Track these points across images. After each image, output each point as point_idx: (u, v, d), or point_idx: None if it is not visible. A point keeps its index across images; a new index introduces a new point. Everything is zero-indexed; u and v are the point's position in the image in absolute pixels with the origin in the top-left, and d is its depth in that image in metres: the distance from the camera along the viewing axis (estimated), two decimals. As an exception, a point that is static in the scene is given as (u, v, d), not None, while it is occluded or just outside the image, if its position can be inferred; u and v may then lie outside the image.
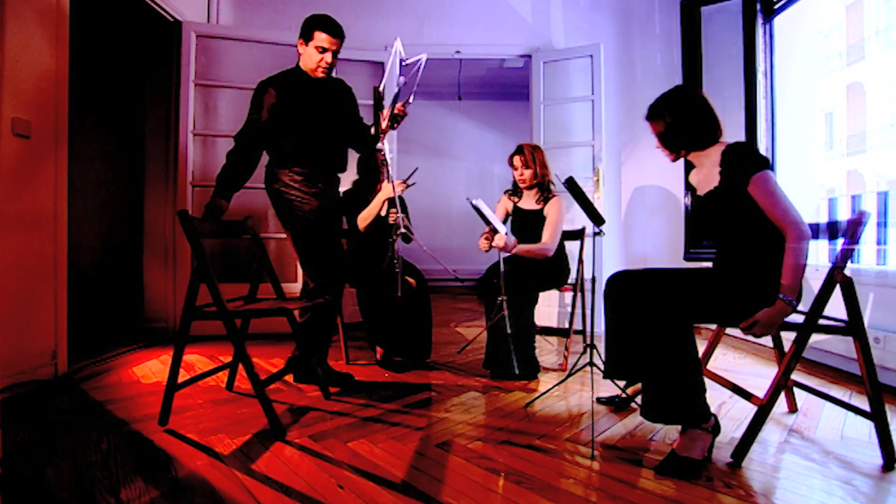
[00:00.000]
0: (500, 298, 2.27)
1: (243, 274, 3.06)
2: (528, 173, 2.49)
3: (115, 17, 3.49)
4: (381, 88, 1.97)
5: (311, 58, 2.03)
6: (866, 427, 1.69)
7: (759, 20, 3.18)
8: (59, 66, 2.19)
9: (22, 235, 2.02)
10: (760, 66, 3.17)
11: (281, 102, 2.02)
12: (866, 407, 1.47)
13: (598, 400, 1.97)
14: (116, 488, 1.27)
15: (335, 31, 2.02)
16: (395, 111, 2.11)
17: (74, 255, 2.39)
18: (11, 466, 1.37)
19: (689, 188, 1.75)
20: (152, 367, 2.48)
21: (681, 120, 1.55)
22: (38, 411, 1.82)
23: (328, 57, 2.03)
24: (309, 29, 2.02)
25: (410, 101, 2.12)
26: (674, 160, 1.65)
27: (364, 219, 2.53)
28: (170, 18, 3.08)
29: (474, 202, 2.17)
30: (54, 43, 2.17)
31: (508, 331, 2.25)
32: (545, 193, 2.52)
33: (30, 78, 2.06)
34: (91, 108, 3.54)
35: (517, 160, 2.51)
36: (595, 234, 1.86)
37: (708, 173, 1.57)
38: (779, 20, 3.19)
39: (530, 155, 2.48)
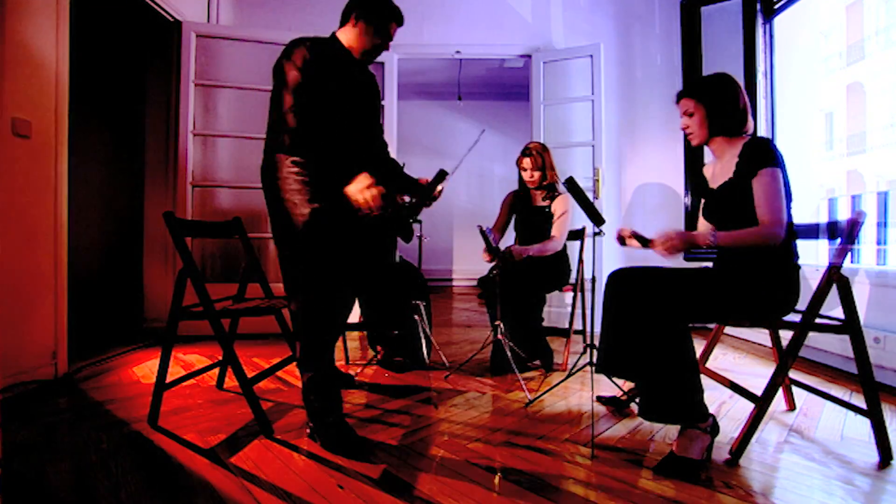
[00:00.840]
0: (496, 322, 2.31)
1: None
2: (537, 175, 2.53)
3: (115, 17, 3.49)
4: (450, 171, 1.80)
5: (369, 39, 1.71)
6: (866, 427, 1.69)
7: (759, 20, 3.18)
8: (59, 66, 2.19)
9: (22, 236, 2.02)
10: (760, 66, 3.17)
11: (314, 64, 1.60)
12: (865, 406, 1.48)
13: (598, 400, 1.97)
14: (116, 488, 1.27)
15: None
16: (434, 193, 1.85)
17: (74, 255, 2.39)
18: (11, 466, 1.37)
19: (700, 183, 1.74)
20: (152, 367, 2.47)
21: (725, 104, 1.53)
22: (38, 411, 1.82)
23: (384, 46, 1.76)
24: (381, 11, 1.70)
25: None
26: (698, 144, 1.62)
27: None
28: (170, 18, 3.08)
29: (485, 229, 2.22)
30: (54, 43, 2.17)
31: (507, 335, 2.27)
32: (552, 193, 2.57)
33: (30, 78, 2.06)
34: (91, 109, 3.54)
35: (527, 162, 2.54)
36: (595, 234, 1.86)
37: (725, 166, 1.58)
38: (779, 20, 3.19)
39: (539, 157, 2.52)
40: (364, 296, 2.55)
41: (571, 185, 1.74)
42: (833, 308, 1.52)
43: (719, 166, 1.62)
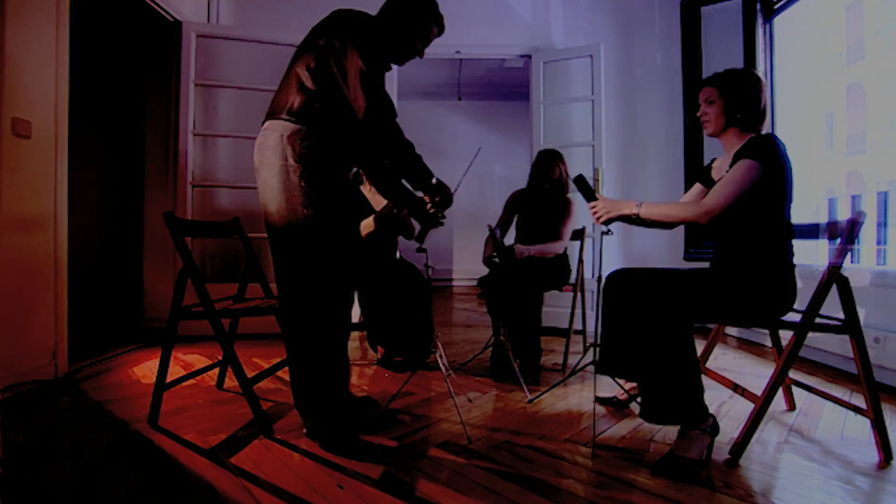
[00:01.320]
0: (498, 324, 2.35)
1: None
2: (551, 180, 2.60)
3: (115, 17, 3.49)
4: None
5: (408, 39, 1.63)
6: (866, 427, 1.69)
7: (759, 20, 3.18)
8: (59, 67, 2.19)
9: (22, 235, 2.02)
10: (760, 66, 3.17)
11: (364, 43, 1.49)
12: (865, 406, 1.48)
13: (598, 400, 1.97)
14: (116, 488, 1.27)
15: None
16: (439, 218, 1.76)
17: (74, 255, 2.39)
18: (11, 466, 1.37)
19: (704, 176, 1.74)
20: (152, 367, 2.47)
21: (746, 98, 1.54)
22: (38, 411, 1.82)
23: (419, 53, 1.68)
24: (425, 12, 1.62)
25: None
26: (711, 133, 1.63)
27: (367, 226, 2.50)
28: (170, 19, 3.08)
29: (494, 229, 2.28)
30: (54, 43, 2.17)
31: (508, 337, 2.28)
32: (561, 195, 2.61)
33: (30, 78, 2.06)
34: (91, 109, 3.54)
35: (555, 169, 2.60)
36: (603, 233, 1.82)
37: (729, 160, 1.58)
38: (779, 20, 3.19)
39: (557, 168, 2.60)
40: (363, 294, 2.55)
41: (581, 182, 1.70)
42: (833, 308, 1.52)
43: (726, 160, 1.62)
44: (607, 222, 1.61)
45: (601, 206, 1.59)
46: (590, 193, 1.65)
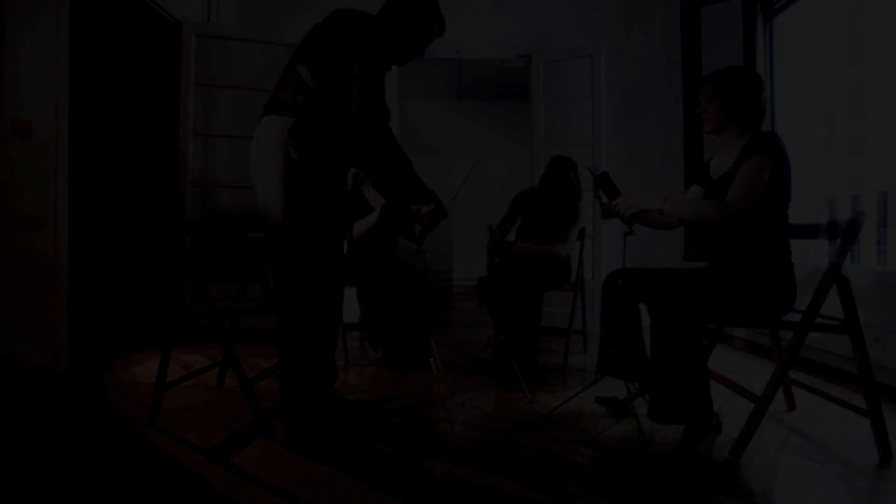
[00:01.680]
0: (498, 325, 2.33)
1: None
2: (564, 187, 2.61)
3: (115, 17, 3.49)
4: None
5: (409, 38, 1.63)
6: (866, 426, 1.69)
7: (759, 20, 3.18)
8: (59, 67, 2.19)
9: (22, 235, 2.02)
10: (760, 65, 3.17)
11: (371, 42, 1.49)
12: (865, 406, 1.48)
13: (598, 399, 1.97)
14: (117, 489, 1.27)
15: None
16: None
17: (74, 255, 2.39)
18: (11, 466, 1.37)
19: (701, 173, 1.73)
20: (152, 367, 2.46)
21: (745, 97, 1.53)
22: (38, 411, 1.82)
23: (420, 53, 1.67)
24: (426, 12, 1.62)
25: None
26: (710, 130, 1.63)
27: (361, 226, 2.49)
28: (170, 19, 3.08)
29: (493, 229, 2.28)
30: (54, 43, 2.17)
31: (507, 337, 2.28)
32: (573, 202, 2.62)
33: (30, 78, 2.06)
34: (91, 109, 3.54)
35: (569, 177, 2.61)
36: (626, 233, 1.73)
37: (729, 157, 1.58)
38: (779, 20, 3.19)
39: (570, 176, 2.61)
40: (364, 291, 2.56)
41: (604, 179, 1.68)
42: (833, 308, 1.51)
43: (724, 157, 1.62)
44: (630, 219, 1.58)
45: (623, 203, 1.57)
46: (613, 190, 1.63)
